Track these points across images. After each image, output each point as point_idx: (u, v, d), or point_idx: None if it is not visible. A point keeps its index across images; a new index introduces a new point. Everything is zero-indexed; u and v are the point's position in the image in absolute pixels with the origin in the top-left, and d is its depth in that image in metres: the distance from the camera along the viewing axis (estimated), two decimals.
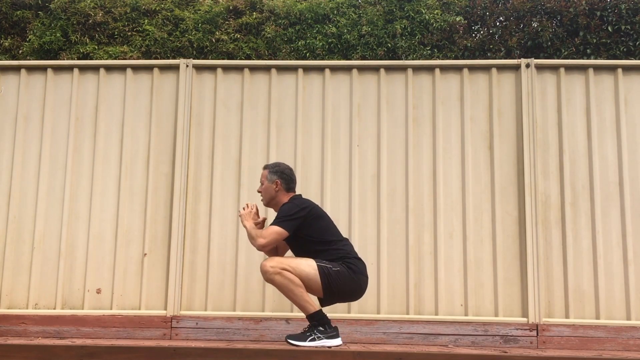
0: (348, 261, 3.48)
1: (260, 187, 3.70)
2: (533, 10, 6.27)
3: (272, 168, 3.68)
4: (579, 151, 4.29)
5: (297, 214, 3.48)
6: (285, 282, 3.35)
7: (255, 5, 6.55)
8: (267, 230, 3.47)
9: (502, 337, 4.04)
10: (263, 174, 3.70)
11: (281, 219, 3.48)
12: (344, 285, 3.43)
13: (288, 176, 3.66)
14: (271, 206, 3.71)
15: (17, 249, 4.29)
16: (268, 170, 3.68)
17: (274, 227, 3.45)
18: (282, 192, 3.64)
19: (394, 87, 4.44)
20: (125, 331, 4.09)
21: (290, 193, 3.67)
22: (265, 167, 3.73)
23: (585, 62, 4.45)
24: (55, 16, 6.54)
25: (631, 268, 4.13)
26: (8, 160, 4.40)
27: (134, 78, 4.49)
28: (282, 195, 3.64)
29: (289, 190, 3.67)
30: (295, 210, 3.50)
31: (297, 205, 3.53)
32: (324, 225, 3.56)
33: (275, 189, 3.63)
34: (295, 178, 3.73)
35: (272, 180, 3.64)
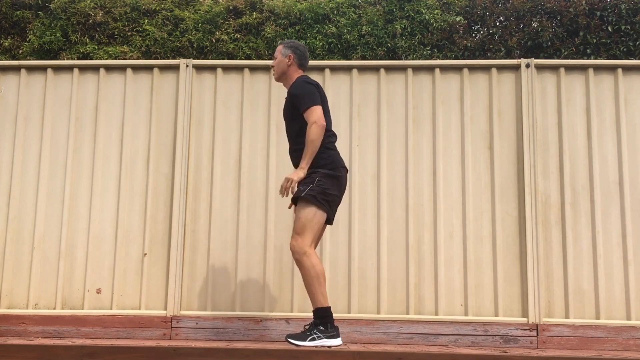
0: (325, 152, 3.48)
1: (274, 61, 3.73)
2: (533, 10, 6.27)
3: (286, 43, 3.71)
4: (579, 151, 4.29)
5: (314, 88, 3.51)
6: (309, 267, 3.37)
7: (255, 5, 6.55)
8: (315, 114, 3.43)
9: (502, 337, 4.04)
10: (277, 49, 3.72)
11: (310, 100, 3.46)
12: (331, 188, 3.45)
13: (301, 52, 3.69)
14: (281, 81, 3.74)
15: (17, 249, 4.30)
16: (283, 44, 3.71)
17: (313, 107, 3.44)
18: (293, 67, 3.68)
19: (394, 87, 4.44)
20: (125, 331, 4.10)
21: (300, 70, 3.70)
22: (280, 42, 3.76)
23: (585, 62, 4.45)
24: (55, 16, 6.54)
25: (631, 268, 4.13)
26: (8, 160, 4.40)
27: (134, 78, 4.49)
28: (294, 71, 3.68)
29: (300, 66, 3.70)
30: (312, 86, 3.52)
31: (309, 81, 3.56)
32: (325, 107, 3.57)
33: (288, 63, 3.67)
34: (308, 57, 3.75)
35: (286, 54, 3.67)
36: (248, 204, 4.31)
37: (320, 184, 3.43)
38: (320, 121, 3.42)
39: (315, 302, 3.41)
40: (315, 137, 3.42)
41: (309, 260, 3.37)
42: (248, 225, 4.29)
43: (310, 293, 3.42)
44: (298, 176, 3.43)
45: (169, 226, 4.28)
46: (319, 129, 3.42)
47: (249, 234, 4.28)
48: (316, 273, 3.37)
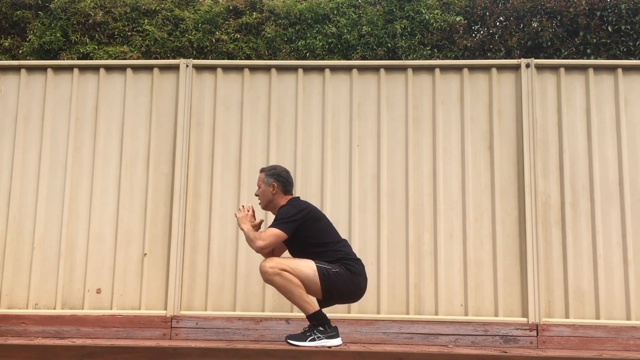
0: (347, 262, 3.48)
1: (258, 191, 3.69)
2: (533, 10, 6.27)
3: (268, 171, 3.66)
4: (579, 151, 4.29)
5: (296, 215, 3.47)
6: (284, 282, 3.35)
7: (255, 5, 6.55)
8: (266, 233, 3.46)
9: (502, 337, 4.04)
10: (260, 177, 3.68)
11: (280, 221, 3.47)
12: (343, 286, 3.43)
13: (285, 179, 3.65)
14: (269, 209, 3.70)
15: (17, 249, 4.29)
16: (265, 173, 3.66)
17: (272, 229, 3.45)
18: (279, 195, 3.63)
19: (394, 87, 4.44)
20: (125, 331, 4.09)
21: (287, 196, 3.66)
22: (261, 170, 3.71)
23: (585, 62, 4.45)
24: (55, 16, 6.54)
25: (631, 268, 4.13)
26: (8, 160, 4.40)
27: (134, 78, 4.49)
28: (280, 198, 3.63)
29: (286, 192, 3.65)
30: (293, 212, 3.49)
31: (295, 207, 3.52)
32: (322, 227, 3.55)
33: (273, 192, 3.62)
34: (292, 180, 3.72)
35: (269, 183, 3.62)
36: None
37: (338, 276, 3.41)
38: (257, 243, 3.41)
39: (305, 311, 3.41)
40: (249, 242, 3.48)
41: (281, 277, 3.35)
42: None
43: (297, 305, 3.43)
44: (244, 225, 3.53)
45: (169, 226, 4.28)
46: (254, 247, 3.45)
47: None
48: (293, 285, 3.35)
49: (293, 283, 3.35)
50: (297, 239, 3.50)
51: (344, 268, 3.45)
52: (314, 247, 3.48)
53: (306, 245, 3.49)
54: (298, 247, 3.54)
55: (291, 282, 3.35)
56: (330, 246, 3.50)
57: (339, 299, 3.53)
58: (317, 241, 3.49)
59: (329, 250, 3.49)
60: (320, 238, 3.51)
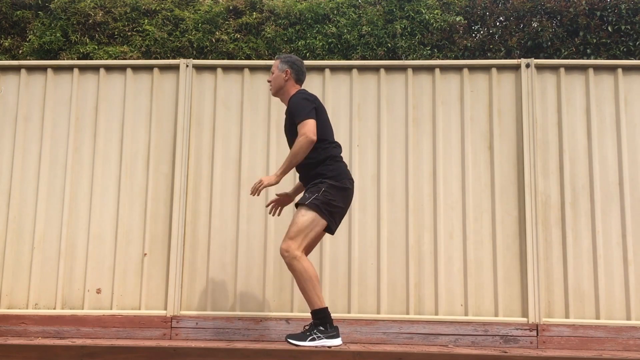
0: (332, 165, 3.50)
1: (271, 77, 3.72)
2: (533, 10, 6.27)
3: (283, 58, 3.71)
4: (579, 151, 4.29)
5: (313, 103, 3.52)
6: (301, 270, 3.37)
7: (255, 5, 6.55)
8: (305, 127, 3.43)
9: (502, 337, 4.04)
10: (274, 64, 3.71)
11: (306, 113, 3.46)
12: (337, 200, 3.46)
13: (299, 67, 3.69)
14: (278, 96, 3.73)
15: (17, 249, 4.30)
16: (280, 59, 3.71)
17: (307, 121, 3.44)
18: (290, 82, 3.67)
19: (394, 87, 4.44)
20: (125, 331, 4.10)
21: (297, 85, 3.70)
22: (277, 57, 3.76)
23: (585, 62, 4.45)
24: (55, 16, 6.54)
25: (631, 268, 4.13)
26: (8, 160, 4.40)
27: (134, 78, 4.49)
28: (291, 86, 3.67)
29: (297, 81, 3.70)
30: (309, 99, 3.53)
31: (306, 95, 3.57)
32: (324, 120, 3.58)
33: (285, 78, 3.66)
34: (305, 71, 3.75)
35: (283, 69, 3.67)
36: (248, 204, 4.31)
37: (325, 194, 3.43)
38: (309, 134, 3.42)
39: (312, 304, 3.41)
40: (299, 149, 3.43)
41: (300, 264, 3.37)
42: (248, 225, 4.29)
43: (305, 296, 3.42)
44: (269, 181, 3.47)
45: (169, 226, 4.28)
46: (306, 142, 3.42)
47: (249, 234, 4.28)
48: (309, 275, 3.37)
49: (308, 272, 3.37)
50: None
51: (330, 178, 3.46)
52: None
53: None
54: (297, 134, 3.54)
55: (306, 271, 3.37)
56: (325, 143, 3.53)
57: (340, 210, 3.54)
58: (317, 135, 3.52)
59: (322, 147, 3.51)
60: (319, 133, 3.51)
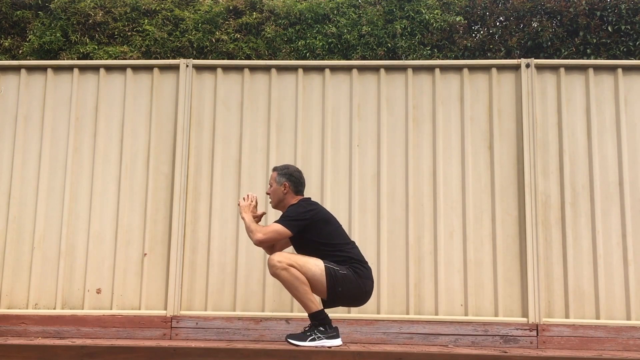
0: (355, 265, 3.47)
1: (269, 189, 3.70)
2: (533, 10, 6.27)
3: (280, 170, 3.66)
4: (579, 151, 4.29)
5: (304, 215, 3.47)
6: (290, 278, 3.35)
7: (255, 5, 6.55)
8: (268, 227, 3.47)
9: (502, 337, 4.04)
10: (272, 176, 3.69)
11: (286, 219, 3.47)
12: (349, 289, 3.42)
13: (297, 179, 3.65)
14: (279, 208, 3.69)
15: (17, 249, 4.29)
16: (277, 172, 3.67)
17: (276, 225, 3.45)
18: (290, 195, 3.63)
19: (394, 87, 4.44)
20: (125, 331, 4.10)
21: (298, 196, 3.66)
22: (274, 169, 3.71)
23: (585, 62, 4.45)
24: (55, 16, 6.54)
25: (631, 268, 4.13)
26: (8, 160, 4.40)
27: (134, 78, 4.49)
28: (291, 198, 3.63)
29: (297, 193, 3.65)
30: (301, 211, 3.49)
31: (304, 207, 3.53)
32: (331, 229, 3.54)
33: (284, 192, 3.62)
34: (304, 181, 3.72)
35: (281, 182, 3.62)
36: None
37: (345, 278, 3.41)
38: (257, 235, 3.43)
39: (308, 309, 3.41)
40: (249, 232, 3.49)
41: (288, 272, 3.35)
42: None
43: (300, 302, 3.42)
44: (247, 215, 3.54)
45: (169, 226, 4.28)
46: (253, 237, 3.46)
47: None
48: (299, 281, 3.35)
49: (299, 279, 3.34)
50: (305, 238, 3.49)
51: (352, 271, 3.44)
52: (322, 247, 3.47)
53: (313, 245, 3.48)
54: (304, 246, 3.53)
55: (297, 279, 3.34)
56: (338, 247, 3.49)
57: (344, 301, 3.53)
58: (325, 241, 3.48)
59: (337, 251, 3.48)
60: (328, 239, 3.49)
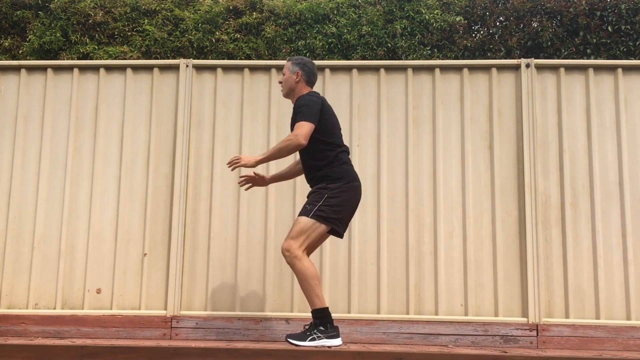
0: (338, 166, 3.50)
1: (282, 78, 3.74)
2: (533, 10, 6.27)
3: (295, 60, 3.71)
4: (579, 151, 4.29)
5: (317, 104, 3.51)
6: (302, 269, 3.38)
7: (255, 5, 6.55)
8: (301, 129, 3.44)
9: (502, 337, 4.04)
10: (286, 65, 3.72)
11: (307, 115, 3.47)
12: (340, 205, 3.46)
13: (310, 69, 3.70)
14: (289, 97, 3.73)
15: (17, 249, 4.29)
16: (291, 61, 3.71)
17: (304, 123, 3.45)
18: (302, 84, 3.68)
19: (394, 87, 4.44)
20: (125, 331, 4.10)
21: (309, 87, 3.70)
22: (288, 59, 3.76)
23: (585, 62, 4.45)
24: (55, 16, 6.54)
25: (631, 268, 4.13)
26: (8, 160, 4.40)
27: (134, 78, 4.49)
28: (302, 87, 3.68)
29: (308, 83, 3.70)
30: (314, 101, 3.53)
31: (312, 95, 3.58)
32: (333, 123, 3.58)
33: (296, 80, 3.67)
34: (317, 73, 3.75)
35: (294, 71, 3.67)
36: (248, 204, 4.31)
37: (328, 200, 3.43)
38: (300, 138, 3.41)
39: (312, 303, 3.42)
40: (285, 148, 3.45)
41: (301, 263, 3.38)
42: (248, 225, 4.29)
43: (306, 295, 3.43)
44: (247, 162, 3.50)
45: (169, 226, 4.28)
46: (294, 144, 3.43)
47: (249, 234, 4.28)
48: (310, 275, 3.37)
49: (310, 273, 3.38)
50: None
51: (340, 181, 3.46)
52: (318, 144, 3.51)
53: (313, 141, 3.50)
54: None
55: (308, 269, 3.38)
56: (331, 146, 3.53)
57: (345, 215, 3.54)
58: (323, 138, 3.52)
59: (329, 149, 3.52)
60: (326, 134, 3.53)
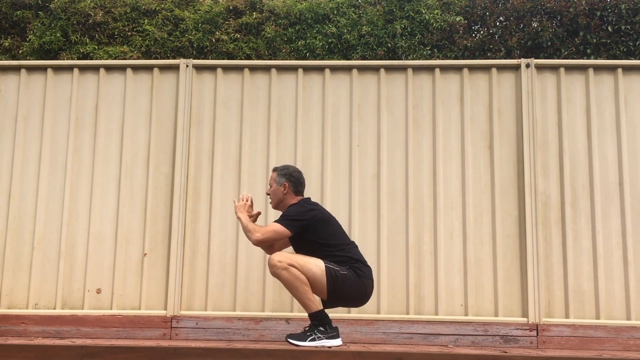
0: (355, 265, 3.47)
1: (269, 190, 3.70)
2: (533, 10, 6.27)
3: (280, 170, 3.66)
4: (579, 151, 4.29)
5: (303, 215, 3.47)
6: (291, 278, 3.34)
7: (255, 5, 6.55)
8: (267, 227, 3.47)
9: (502, 337, 4.04)
10: (272, 177, 3.68)
11: (285, 219, 3.47)
12: (349, 289, 3.42)
13: (297, 179, 3.65)
14: (279, 209, 3.69)
15: (17, 249, 4.29)
16: (277, 172, 3.67)
17: (275, 225, 3.45)
18: (290, 195, 3.63)
19: (394, 87, 4.44)
20: (125, 331, 4.10)
21: (298, 196, 3.65)
22: (274, 169, 3.71)
23: (585, 62, 4.45)
24: (55, 16, 6.54)
25: (631, 268, 4.13)
26: (8, 160, 4.40)
27: (134, 78, 4.49)
28: (290, 199, 3.63)
29: (297, 193, 3.65)
30: (301, 211, 3.49)
31: (304, 207, 3.53)
32: (331, 230, 3.54)
33: (284, 192, 3.62)
34: (304, 181, 3.71)
35: (281, 182, 3.62)
36: None
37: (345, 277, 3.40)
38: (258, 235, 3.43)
39: (308, 308, 3.41)
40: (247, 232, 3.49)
41: (289, 273, 3.35)
42: None
43: (300, 301, 3.42)
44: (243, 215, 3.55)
45: (169, 226, 4.28)
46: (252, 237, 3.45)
47: None
48: (300, 282, 3.34)
49: (299, 279, 3.34)
50: (304, 238, 3.49)
51: (352, 271, 3.44)
52: (321, 247, 3.46)
53: (313, 244, 3.48)
54: (304, 246, 3.52)
55: (297, 278, 3.34)
56: (339, 247, 3.49)
57: (344, 301, 3.53)
58: (324, 241, 3.47)
59: (337, 251, 3.48)
60: (327, 239, 3.48)
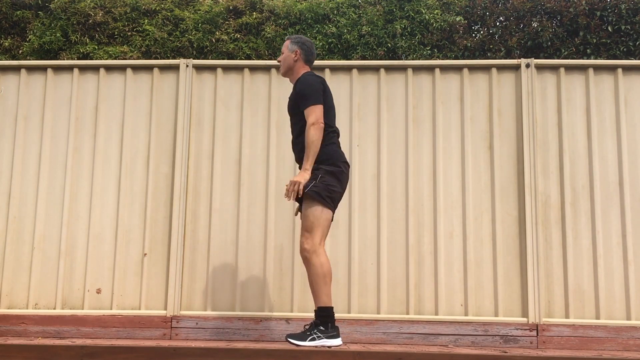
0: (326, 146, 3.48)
1: (280, 57, 3.74)
2: (533, 10, 6.27)
3: (293, 39, 3.72)
4: (579, 151, 4.29)
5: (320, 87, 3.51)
6: (317, 264, 3.37)
7: (255, 5, 6.55)
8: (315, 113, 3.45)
9: (502, 337, 4.04)
10: (285, 44, 3.73)
11: (311, 98, 3.47)
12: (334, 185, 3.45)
13: (308, 48, 3.70)
14: (287, 76, 3.74)
15: (17, 249, 4.30)
16: (290, 40, 3.72)
17: (314, 107, 3.46)
18: (300, 63, 3.68)
19: (394, 87, 4.44)
20: (125, 331, 4.10)
21: (307, 66, 3.70)
22: (287, 37, 3.77)
23: (585, 62, 4.45)
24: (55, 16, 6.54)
25: (631, 268, 4.13)
26: (8, 160, 4.40)
27: (134, 78, 4.49)
28: (300, 67, 3.68)
29: (307, 62, 3.70)
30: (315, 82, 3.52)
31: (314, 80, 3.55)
32: (329, 105, 3.58)
33: (294, 59, 3.67)
34: (315, 52, 3.75)
35: (292, 49, 3.68)
36: (248, 204, 4.31)
37: (323, 180, 3.43)
38: (318, 122, 3.43)
39: (319, 301, 3.41)
40: (314, 138, 3.42)
41: (318, 259, 3.37)
42: (248, 225, 4.29)
43: (315, 291, 3.42)
44: (304, 178, 3.42)
45: (169, 226, 4.28)
46: (317, 130, 3.42)
47: (249, 234, 4.28)
48: (323, 272, 3.37)
49: (324, 269, 3.38)
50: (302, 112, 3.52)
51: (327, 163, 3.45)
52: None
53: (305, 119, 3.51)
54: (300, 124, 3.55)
55: (322, 266, 3.38)
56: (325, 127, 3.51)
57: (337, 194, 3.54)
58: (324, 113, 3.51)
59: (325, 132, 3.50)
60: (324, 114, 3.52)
